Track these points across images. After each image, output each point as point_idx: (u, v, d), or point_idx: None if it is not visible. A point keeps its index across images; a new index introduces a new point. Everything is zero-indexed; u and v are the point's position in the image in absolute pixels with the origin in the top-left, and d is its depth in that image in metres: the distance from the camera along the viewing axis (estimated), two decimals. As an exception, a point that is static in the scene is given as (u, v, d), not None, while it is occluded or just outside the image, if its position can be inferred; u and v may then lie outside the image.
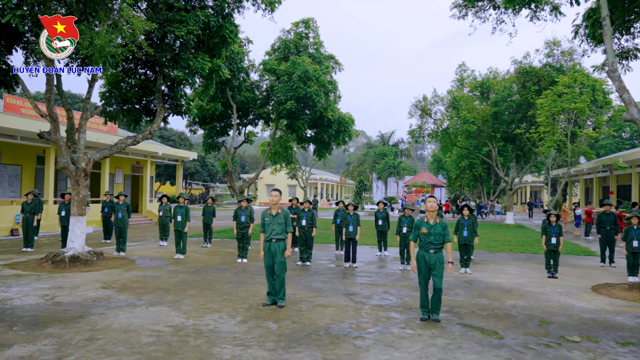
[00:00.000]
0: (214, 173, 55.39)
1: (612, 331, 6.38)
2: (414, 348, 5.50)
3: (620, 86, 9.64)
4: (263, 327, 6.24)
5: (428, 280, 6.77)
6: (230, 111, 20.87)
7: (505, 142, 29.70)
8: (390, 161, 46.76)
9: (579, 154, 20.34)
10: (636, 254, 10.03)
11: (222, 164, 23.42)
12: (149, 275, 9.83)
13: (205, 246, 14.86)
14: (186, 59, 13.09)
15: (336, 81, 20.80)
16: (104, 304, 7.32)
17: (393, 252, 14.17)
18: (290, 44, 21.61)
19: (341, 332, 6.11)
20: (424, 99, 28.95)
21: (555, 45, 25.27)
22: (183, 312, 6.96)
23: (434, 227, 6.76)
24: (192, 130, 22.29)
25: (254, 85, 21.78)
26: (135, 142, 13.09)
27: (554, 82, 24.96)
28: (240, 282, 9.35)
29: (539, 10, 11.44)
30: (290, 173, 42.32)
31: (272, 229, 7.44)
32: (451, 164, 38.03)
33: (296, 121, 20.09)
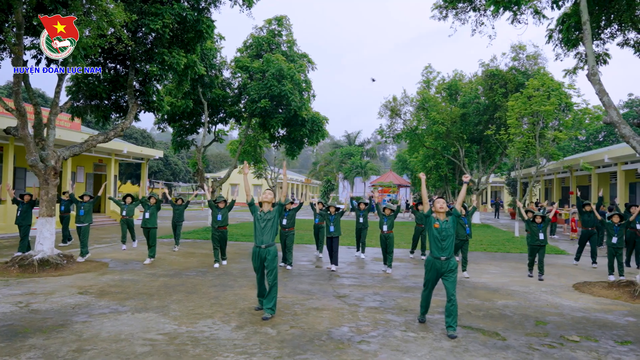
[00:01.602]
0: (177, 172, 54.10)
1: (607, 330, 6.48)
2: (422, 352, 5.39)
3: (600, 89, 9.88)
4: (261, 333, 5.99)
5: (433, 288, 6.53)
6: (201, 109, 20.36)
7: (472, 143, 30.27)
8: (358, 161, 46.94)
9: (548, 155, 20.91)
10: (617, 251, 10.29)
11: (193, 163, 22.79)
12: (127, 280, 9.35)
13: (175, 249, 14.34)
14: (161, 54, 12.61)
15: (310, 80, 20.60)
16: (85, 311, 6.87)
17: (370, 253, 14.13)
18: (262, 41, 21.30)
19: (343, 336, 5.93)
20: (393, 100, 29.15)
21: (521, 49, 25.95)
22: (173, 318, 6.61)
23: (445, 222, 6.57)
24: (160, 127, 21.60)
25: (225, 83, 21.33)
26: (107, 139, 12.50)
27: (520, 85, 25.65)
28: (225, 285, 9.02)
29: (519, 14, 11.62)
30: (257, 172, 41.86)
31: (262, 233, 6.95)
32: (417, 164, 38.50)
33: (270, 120, 19.79)
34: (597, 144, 45.36)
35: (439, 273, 6.37)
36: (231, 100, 21.22)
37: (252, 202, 7.22)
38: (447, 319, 6.13)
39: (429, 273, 6.48)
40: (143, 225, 11.81)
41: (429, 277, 6.48)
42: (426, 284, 6.54)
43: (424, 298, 6.62)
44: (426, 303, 6.63)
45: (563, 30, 12.63)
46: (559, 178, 35.99)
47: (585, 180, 32.94)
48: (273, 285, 6.97)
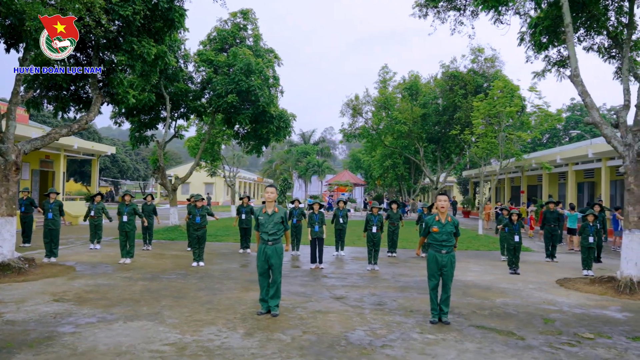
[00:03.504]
0: (125, 170, 51.78)
1: (613, 326, 6.56)
2: (450, 355, 5.20)
3: (583, 90, 10.14)
4: (275, 340, 5.60)
5: (438, 281, 6.55)
6: (162, 103, 19.39)
7: (430, 143, 30.83)
8: (314, 160, 46.78)
9: (510, 154, 21.53)
10: (591, 249, 10.64)
11: (153, 160, 21.74)
12: (102, 284, 8.62)
13: (146, 249, 13.55)
14: (129, 42, 11.83)
15: (278, 76, 20.13)
16: (69, 321, 6.20)
17: (348, 252, 13.95)
18: (227, 34, 20.56)
19: (362, 341, 5.65)
20: (355, 98, 29.17)
21: (479, 52, 26.66)
22: (172, 326, 6.08)
23: (445, 225, 6.53)
24: (117, 122, 20.39)
25: (186, 77, 20.44)
26: (70, 133, 11.56)
27: (479, 86, 26.35)
28: (212, 288, 8.50)
29: (503, 14, 11.76)
30: (210, 170, 40.67)
31: (268, 229, 6.74)
32: (375, 163, 38.85)
33: (237, 116, 19.13)
34: (542, 146, 47.51)
35: (439, 266, 6.50)
36: (193, 94, 20.36)
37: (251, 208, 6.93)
38: (442, 306, 6.52)
39: (431, 268, 6.57)
40: (121, 228, 11.11)
41: (431, 271, 6.56)
42: (430, 278, 6.59)
43: (433, 300, 6.54)
44: (436, 305, 6.53)
45: (536, 33, 12.89)
46: (509, 178, 37.42)
47: (535, 180, 34.40)
48: (275, 281, 6.75)
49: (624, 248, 9.43)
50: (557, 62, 13.92)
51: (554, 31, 12.84)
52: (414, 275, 10.30)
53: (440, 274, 6.51)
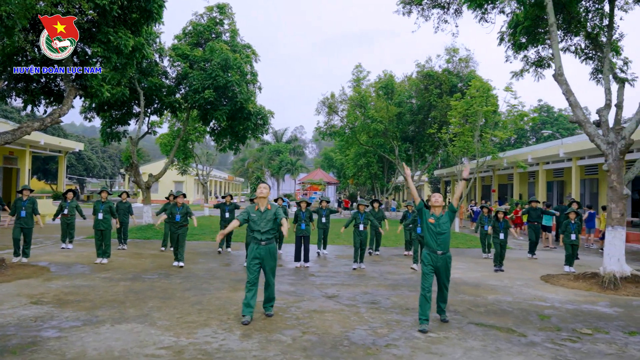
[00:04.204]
0: (91, 168, 50.21)
1: (607, 321, 6.63)
2: (457, 354, 5.10)
3: (567, 89, 10.28)
4: (275, 341, 5.39)
5: (431, 285, 6.16)
6: (135, 98, 18.79)
7: (404, 142, 31.01)
8: (287, 158, 46.47)
9: (486, 153, 21.82)
10: (574, 246, 10.82)
11: (126, 156, 21.05)
12: (81, 285, 8.19)
13: (122, 248, 13.06)
14: (105, 33, 11.33)
15: (257, 72, 19.78)
16: (52, 325, 5.81)
17: (329, 250, 13.81)
18: (203, 28, 20.09)
19: (365, 340, 5.50)
20: (331, 96, 29.06)
21: (454, 52, 26.95)
22: (164, 328, 5.78)
23: (439, 218, 6.38)
24: (87, 117, 19.64)
25: (160, 71, 19.87)
26: (42, 127, 10.99)
27: (454, 86, 26.65)
28: (199, 288, 8.20)
29: (488, 12, 11.83)
30: (181, 168, 39.85)
31: (261, 227, 6.38)
32: (349, 162, 38.85)
33: (213, 112, 18.71)
34: (510, 146, 48.60)
35: (435, 266, 6.25)
36: (167, 90, 19.81)
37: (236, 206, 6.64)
38: (441, 304, 6.41)
39: (426, 267, 6.29)
40: (96, 227, 10.62)
41: (426, 270, 6.26)
42: (425, 277, 6.21)
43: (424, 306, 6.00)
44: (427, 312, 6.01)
45: (516, 33, 13.01)
46: (480, 177, 38.07)
47: (506, 179, 35.11)
48: (270, 282, 6.45)
49: (607, 244, 9.61)
50: (535, 62, 14.13)
51: (534, 32, 13.02)
52: (401, 273, 10.24)
53: (436, 275, 6.30)
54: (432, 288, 6.19)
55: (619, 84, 10.96)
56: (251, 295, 6.20)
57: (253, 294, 6.22)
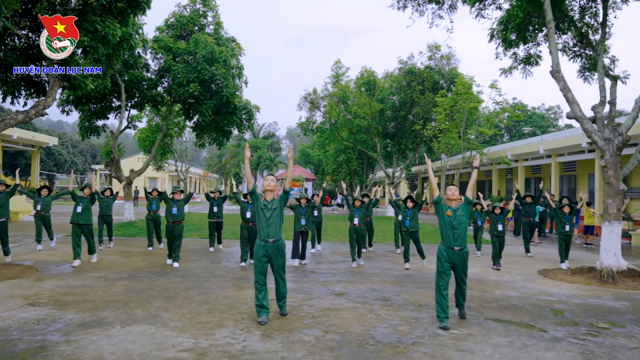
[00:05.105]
0: (61, 163, 48.62)
1: (619, 315, 6.69)
2: (486, 351, 5.03)
3: (564, 86, 10.38)
4: (299, 341, 5.20)
5: (448, 283, 6.07)
6: (115, 91, 18.16)
7: (385, 138, 31.05)
8: (265, 154, 46.03)
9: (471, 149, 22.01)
10: (567, 238, 10.93)
11: (107, 151, 20.36)
12: (76, 285, 7.81)
13: (108, 247, 12.59)
14: (92, 22, 10.84)
15: (243, 66, 19.39)
16: (57, 328, 5.48)
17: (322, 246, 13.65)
18: (187, 20, 19.57)
19: (389, 338, 5.37)
20: (313, 92, 28.84)
21: (436, 49, 27.07)
22: (178, 330, 5.52)
23: (457, 209, 6.28)
24: (65, 110, 18.89)
25: (141, 64, 19.27)
26: (26, 119, 10.46)
27: (436, 83, 26.80)
28: (201, 287, 7.93)
29: (486, 7, 11.84)
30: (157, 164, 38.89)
31: (268, 225, 6.05)
32: (329, 158, 38.75)
33: (198, 106, 18.26)
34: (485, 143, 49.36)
35: (452, 263, 6.11)
36: (148, 83, 19.23)
37: (254, 190, 6.31)
38: (460, 299, 6.31)
39: (442, 264, 6.11)
40: (73, 220, 9.95)
41: (442, 268, 6.09)
42: (440, 276, 6.07)
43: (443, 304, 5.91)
44: (443, 299, 5.95)
45: (507, 30, 13.08)
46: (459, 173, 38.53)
47: (483, 176, 35.64)
48: (282, 280, 6.23)
49: (604, 239, 9.75)
50: (524, 59, 14.26)
51: (525, 29, 13.13)
52: (401, 270, 10.16)
53: (452, 270, 6.18)
54: (448, 283, 6.10)
55: (611, 81, 11.13)
56: (262, 296, 5.98)
57: (264, 294, 6.00)
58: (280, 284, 6.24)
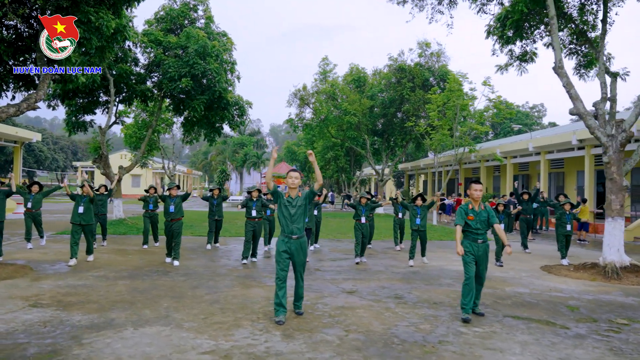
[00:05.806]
0: (42, 159, 47.50)
1: (634, 311, 6.67)
2: (515, 349, 4.93)
3: (568, 82, 10.38)
4: (322, 341, 5.03)
5: (474, 273, 6.15)
6: (103, 85, 17.69)
7: (375, 135, 31.02)
8: (251, 151, 45.61)
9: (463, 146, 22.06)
10: (568, 237, 10.98)
11: (95, 147, 19.85)
12: (76, 285, 7.51)
13: (102, 245, 12.24)
14: (86, 13, 10.47)
15: (235, 61, 19.07)
16: (65, 330, 5.21)
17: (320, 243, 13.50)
18: (177, 14, 19.17)
19: (414, 337, 5.23)
20: (303, 89, 28.62)
21: (427, 46, 27.09)
22: (195, 331, 5.30)
23: (479, 214, 6.28)
24: (51, 105, 18.34)
25: (131, 58, 18.81)
26: (18, 113, 10.06)
27: (426, 80, 26.83)
28: (207, 286, 7.70)
29: (487, 3, 11.78)
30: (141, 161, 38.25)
31: (292, 221, 5.93)
32: (316, 155, 38.59)
33: (189, 102, 17.89)
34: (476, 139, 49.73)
35: (476, 255, 6.21)
36: (136, 77, 18.79)
37: (276, 190, 6.12)
38: (476, 300, 6.28)
39: (468, 256, 6.19)
40: (74, 221, 9.66)
41: (469, 259, 6.18)
42: (469, 266, 6.14)
43: (469, 294, 6.02)
44: (470, 301, 6.05)
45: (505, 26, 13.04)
46: (446, 170, 38.72)
47: (471, 173, 35.88)
48: (303, 282, 6.16)
49: (607, 235, 9.79)
50: (519, 56, 14.28)
51: (522, 26, 13.13)
52: (406, 267, 10.06)
53: (476, 264, 6.23)
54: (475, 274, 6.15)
55: (611, 78, 11.18)
56: (282, 294, 5.81)
57: (284, 292, 5.84)
58: (300, 284, 6.12)
